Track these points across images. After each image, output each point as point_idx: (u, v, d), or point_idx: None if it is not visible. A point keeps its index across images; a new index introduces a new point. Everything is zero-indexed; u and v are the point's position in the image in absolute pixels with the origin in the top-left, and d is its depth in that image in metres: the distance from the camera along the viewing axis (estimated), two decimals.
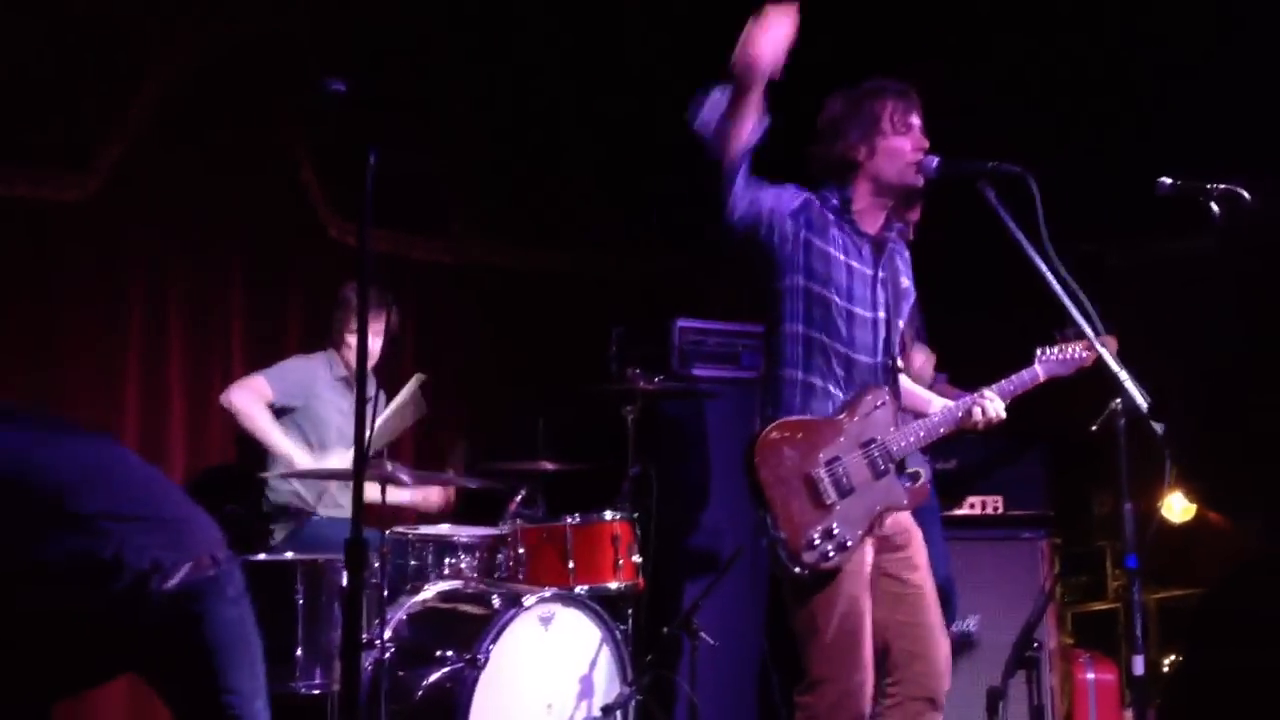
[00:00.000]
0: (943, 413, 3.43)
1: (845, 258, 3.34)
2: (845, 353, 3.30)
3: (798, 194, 3.37)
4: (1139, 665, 3.25)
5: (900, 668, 3.27)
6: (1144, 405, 3.05)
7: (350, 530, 2.74)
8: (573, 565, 4.43)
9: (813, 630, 3.20)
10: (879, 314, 3.37)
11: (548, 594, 4.14)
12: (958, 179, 3.37)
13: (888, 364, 3.39)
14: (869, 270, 3.36)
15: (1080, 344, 3.49)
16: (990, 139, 3.66)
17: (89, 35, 4.69)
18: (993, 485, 5.03)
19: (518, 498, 4.61)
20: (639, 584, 4.53)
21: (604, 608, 4.23)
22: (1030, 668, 4.56)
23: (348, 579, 2.76)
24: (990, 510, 4.99)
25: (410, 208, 5.37)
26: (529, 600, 4.05)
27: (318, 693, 3.95)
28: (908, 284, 3.49)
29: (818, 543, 3.14)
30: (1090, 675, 4.91)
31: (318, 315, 5.10)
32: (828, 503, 3.18)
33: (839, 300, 3.30)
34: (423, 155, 5.41)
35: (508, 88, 5.77)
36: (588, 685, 4.14)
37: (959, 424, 3.43)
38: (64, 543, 2.63)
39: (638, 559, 4.55)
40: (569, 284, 5.97)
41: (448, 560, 4.38)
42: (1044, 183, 3.20)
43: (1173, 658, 5.02)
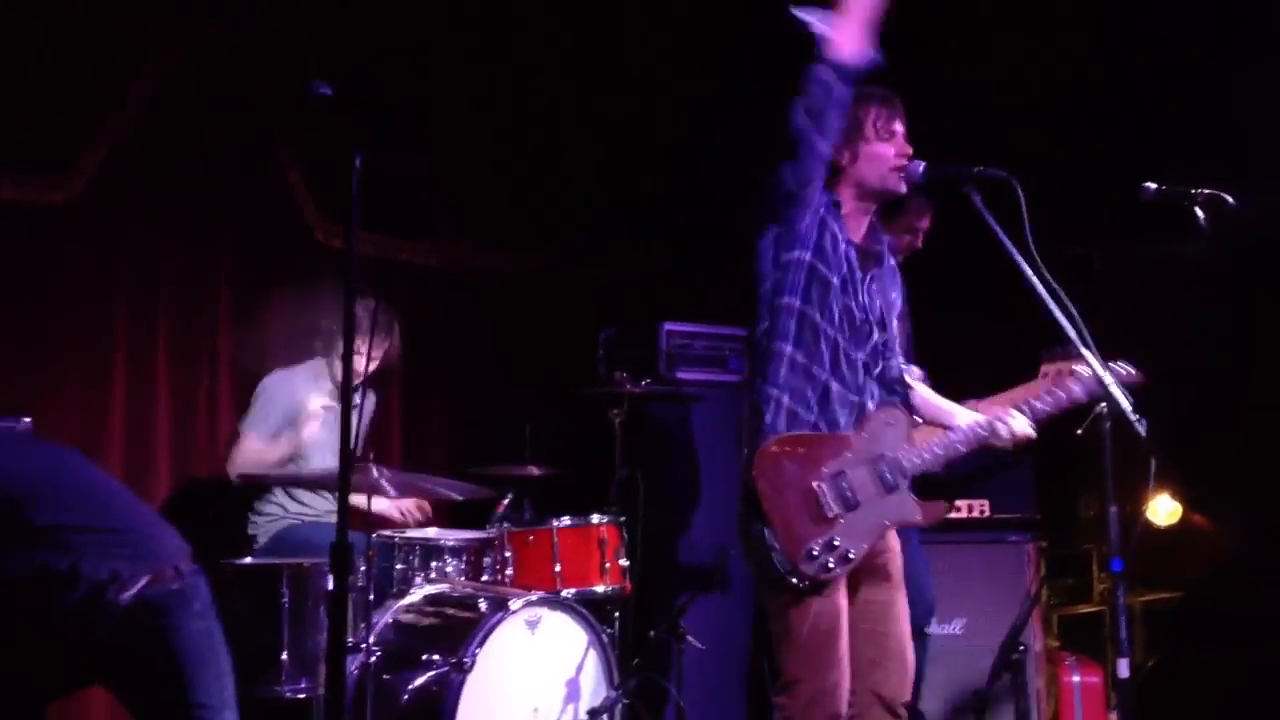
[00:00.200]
0: (965, 430, 3.38)
1: (842, 251, 3.33)
2: (835, 337, 3.28)
3: None
4: (1124, 668, 3.25)
5: (862, 675, 3.27)
6: (1129, 409, 3.06)
7: (335, 534, 2.74)
8: (559, 569, 4.43)
9: (787, 631, 3.21)
10: (868, 316, 3.36)
11: (534, 597, 4.14)
12: (944, 183, 3.38)
13: (870, 365, 3.37)
14: (857, 273, 3.37)
15: (1067, 375, 3.43)
16: (980, 140, 3.67)
17: (76, 36, 4.67)
18: (979, 489, 5.04)
19: (505, 501, 4.61)
20: (626, 587, 4.54)
21: (591, 611, 4.23)
22: (1016, 670, 4.56)
23: (333, 582, 2.76)
24: (977, 513, 5.00)
25: (397, 210, 5.36)
26: (515, 604, 4.05)
27: (303, 697, 3.95)
28: (896, 296, 3.48)
29: (817, 554, 3.15)
30: (1076, 678, 4.93)
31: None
32: (830, 515, 3.18)
33: (836, 282, 3.28)
34: (409, 157, 5.41)
35: (494, 90, 5.76)
36: (574, 689, 4.14)
37: (981, 442, 3.38)
38: (19, 554, 2.62)
39: (625, 562, 4.55)
40: (556, 287, 5.96)
41: (434, 564, 4.38)
42: (1031, 185, 3.20)
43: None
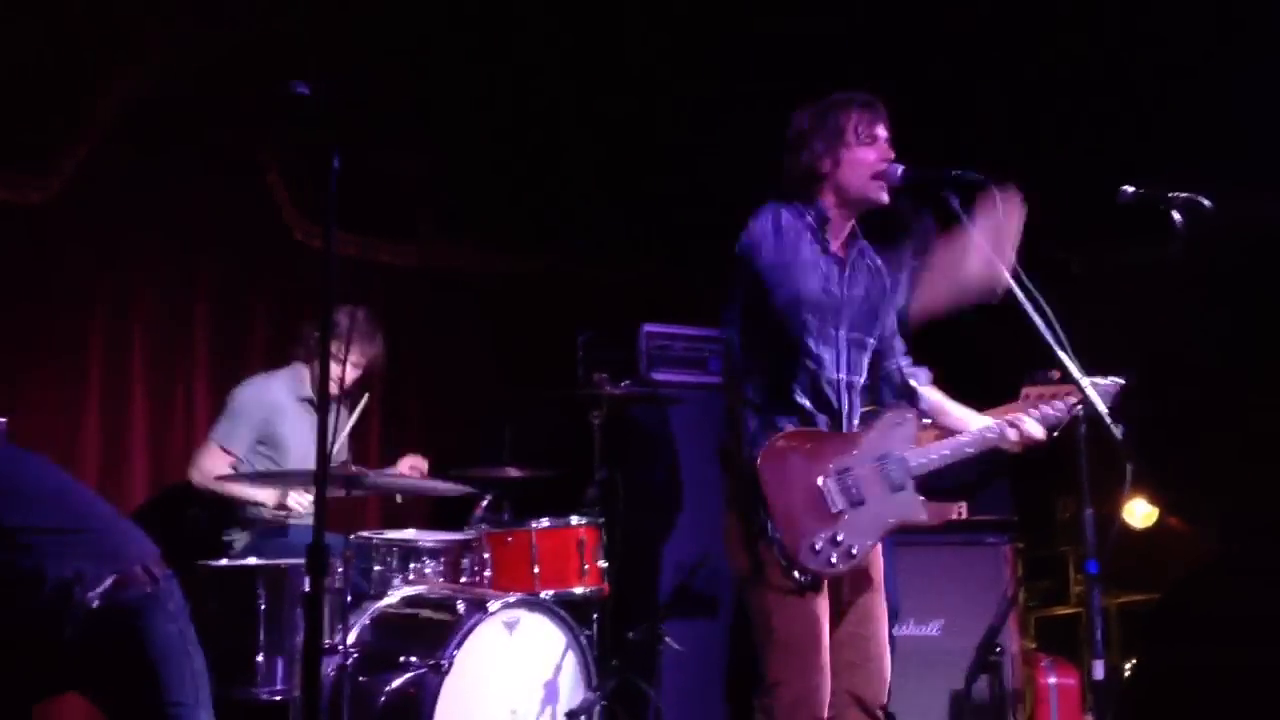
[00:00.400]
0: (974, 434, 3.41)
1: (823, 279, 3.31)
2: (814, 370, 3.30)
3: (780, 217, 3.31)
4: (1100, 670, 3.26)
5: (841, 677, 3.28)
6: (1105, 411, 3.07)
7: (313, 535, 2.74)
8: (538, 570, 4.43)
9: (772, 631, 3.22)
10: (852, 334, 3.35)
11: (513, 599, 4.13)
12: (922, 187, 3.38)
13: (855, 382, 3.37)
14: (835, 289, 3.35)
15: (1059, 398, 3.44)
16: (959, 145, 3.68)
17: (55, 37, 4.65)
18: (958, 491, 5.05)
19: (484, 502, 4.60)
20: (604, 589, 4.54)
21: (569, 613, 4.23)
22: (993, 672, 4.58)
23: (309, 583, 2.75)
24: (955, 515, 5.02)
25: (377, 211, 5.35)
26: (494, 605, 4.04)
27: (279, 699, 3.93)
28: (892, 297, 3.46)
29: (820, 548, 3.16)
30: (1052, 680, 4.95)
31: (283, 319, 5.07)
32: (834, 511, 3.19)
33: (813, 319, 3.28)
34: (389, 158, 5.40)
35: (476, 94, 5.75)
36: (552, 690, 4.13)
37: (990, 445, 3.41)
38: None
39: (603, 564, 4.55)
40: (536, 288, 5.96)
41: (412, 565, 4.36)
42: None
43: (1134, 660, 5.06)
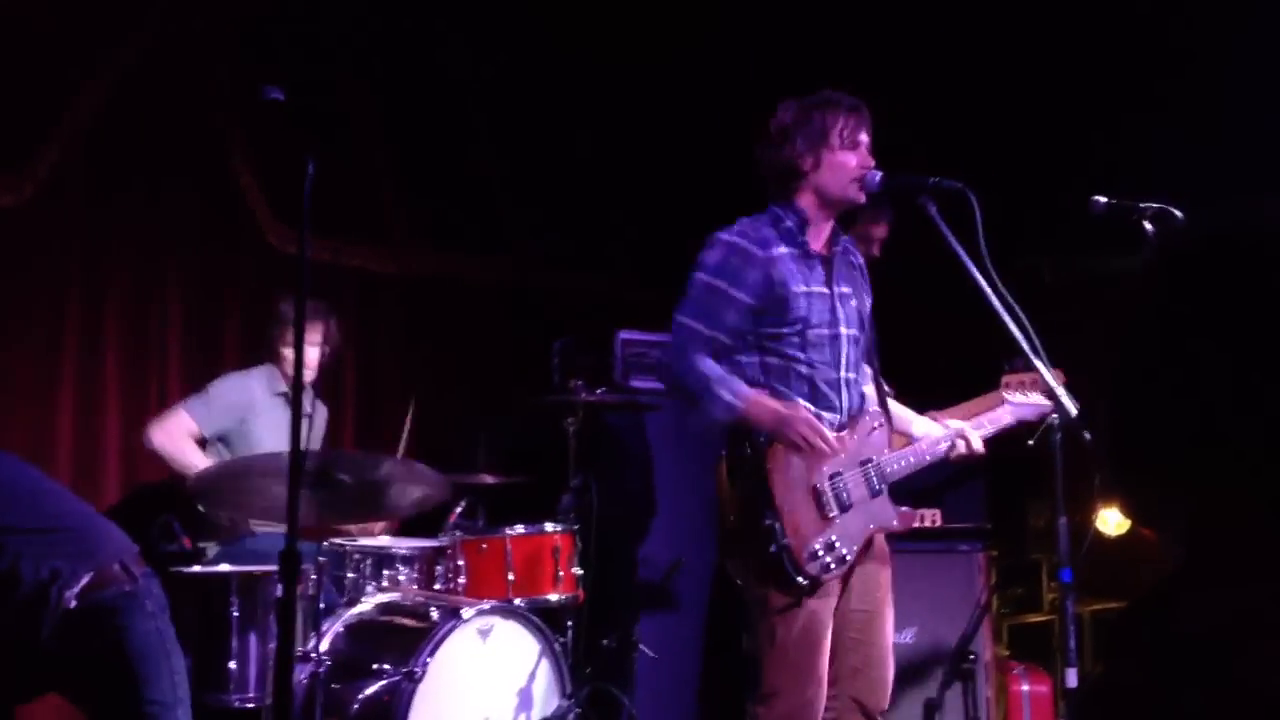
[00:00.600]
0: (929, 442, 3.45)
1: (801, 286, 3.30)
2: (809, 374, 3.29)
3: (741, 248, 3.31)
4: (1073, 678, 3.28)
5: (843, 682, 3.28)
6: (1078, 420, 3.09)
7: (285, 541, 2.72)
8: (513, 577, 4.41)
9: (772, 638, 3.19)
10: (840, 330, 3.34)
11: (487, 606, 4.12)
12: (900, 193, 3.39)
13: (854, 380, 3.37)
14: (824, 289, 3.35)
15: (1038, 387, 3.47)
16: (936, 153, 3.69)
17: (27, 35, 4.61)
18: (931, 498, 5.06)
19: (458, 509, 4.58)
20: (579, 596, 4.52)
21: (544, 620, 4.21)
22: (966, 679, 4.58)
23: (281, 590, 2.74)
24: (928, 523, 5.03)
25: (352, 215, 5.33)
26: (468, 612, 4.03)
27: (252, 705, 3.91)
28: (865, 299, 3.48)
29: (820, 554, 3.15)
30: (1025, 687, 4.95)
31: (256, 322, 5.04)
32: (830, 515, 3.19)
33: (793, 333, 3.28)
34: (363, 162, 5.38)
35: (448, 97, 5.75)
36: (526, 698, 4.12)
37: (940, 455, 3.46)
38: None
39: (578, 571, 4.53)
40: (512, 295, 5.95)
41: (386, 572, 4.34)
42: (986, 197, 3.23)
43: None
